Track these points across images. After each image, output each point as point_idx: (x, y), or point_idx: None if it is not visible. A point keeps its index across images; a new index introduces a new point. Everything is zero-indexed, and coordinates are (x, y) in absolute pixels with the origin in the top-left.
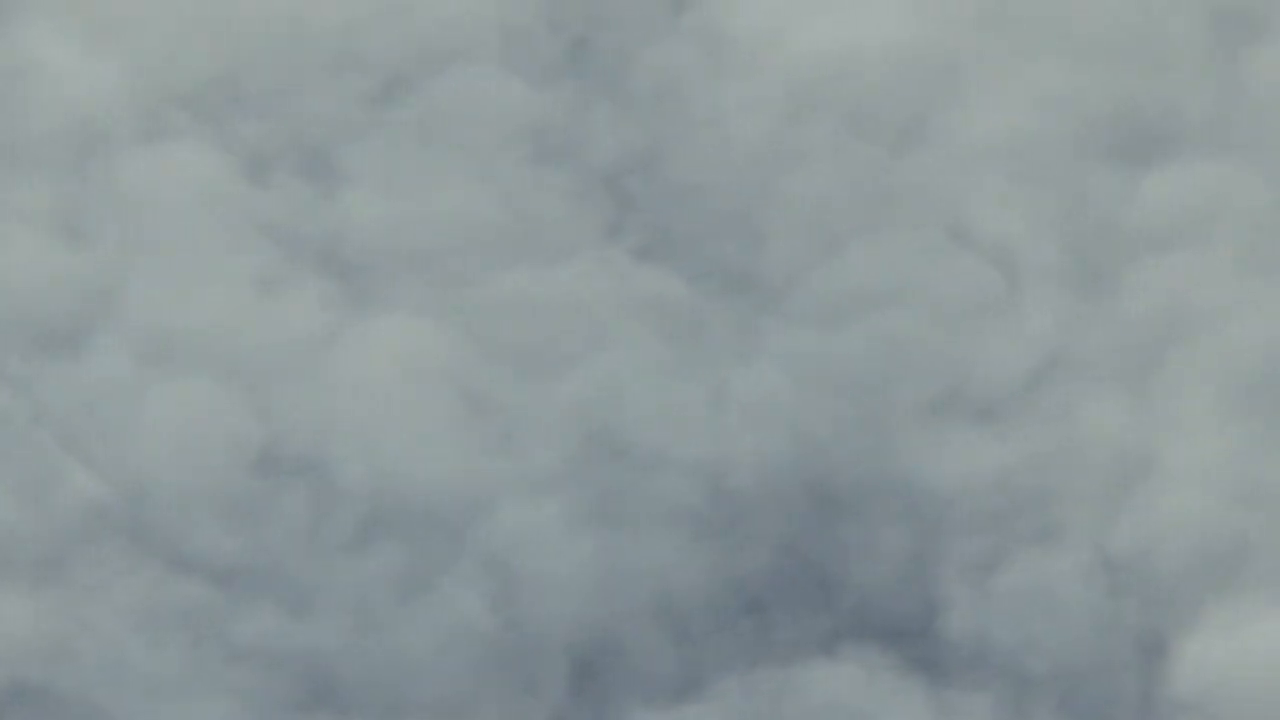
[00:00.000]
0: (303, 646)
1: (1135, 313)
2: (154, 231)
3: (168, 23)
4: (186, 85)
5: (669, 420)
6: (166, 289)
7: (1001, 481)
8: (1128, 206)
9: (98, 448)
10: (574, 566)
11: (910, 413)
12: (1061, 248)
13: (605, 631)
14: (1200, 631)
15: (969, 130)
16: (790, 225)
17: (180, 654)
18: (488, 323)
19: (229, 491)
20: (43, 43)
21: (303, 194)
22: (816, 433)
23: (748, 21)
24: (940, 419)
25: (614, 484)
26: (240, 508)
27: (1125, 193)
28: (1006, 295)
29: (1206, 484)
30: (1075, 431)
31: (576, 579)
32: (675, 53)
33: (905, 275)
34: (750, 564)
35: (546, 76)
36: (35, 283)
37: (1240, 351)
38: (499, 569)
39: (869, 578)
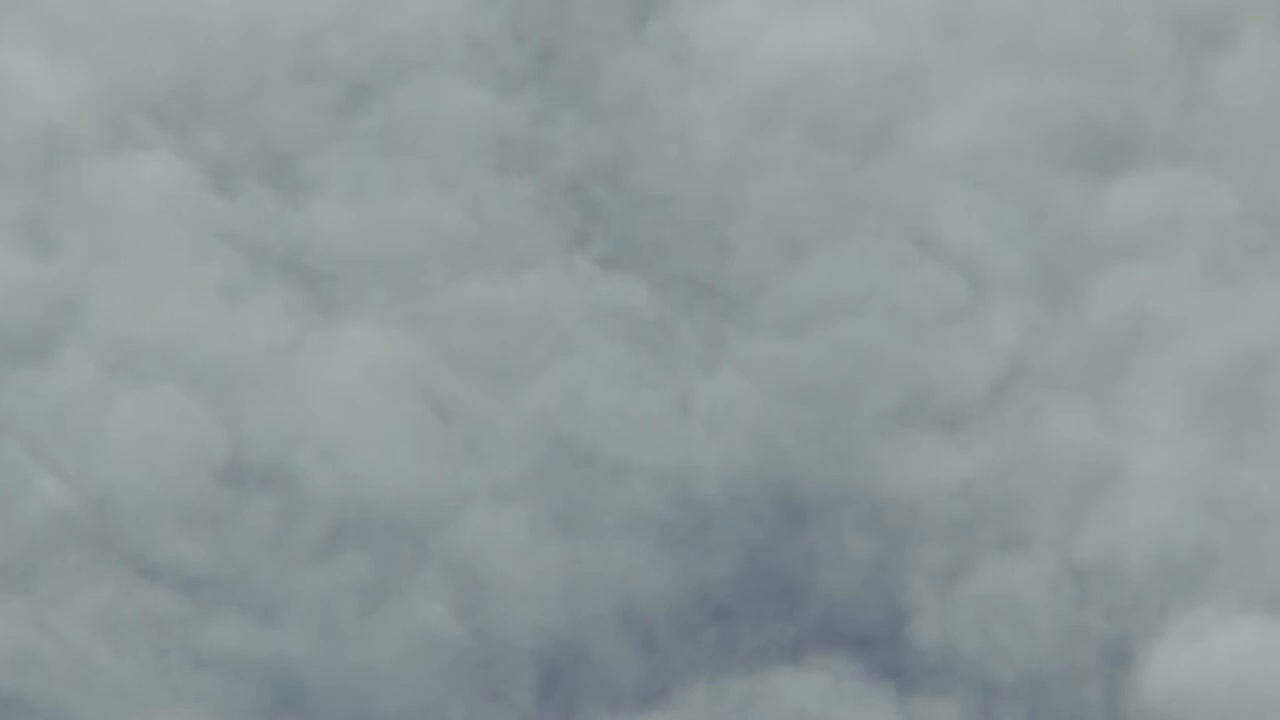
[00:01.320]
0: (269, 654)
1: (1099, 321)
2: (120, 241)
3: (132, 33)
4: (151, 95)
5: (634, 428)
6: (132, 298)
7: (967, 490)
8: (1092, 216)
9: (64, 456)
10: (540, 574)
11: (876, 421)
12: (1026, 257)
13: (571, 639)
14: (1166, 639)
15: (933, 140)
16: (755, 234)
17: (147, 662)
18: (453, 331)
19: (195, 500)
20: (8, 53)
21: (268, 203)
22: (782, 441)
23: (713, 31)
24: (905, 427)
25: (579, 492)
26: (206, 516)
27: (1089, 202)
28: (971, 304)
29: (1171, 492)
30: (1040, 440)
31: (542, 587)
32: (640, 62)
33: (870, 284)
34: (716, 572)
35: (511, 85)
36: (1, 292)
37: (1204, 360)
38: (465, 577)
39: (835, 586)
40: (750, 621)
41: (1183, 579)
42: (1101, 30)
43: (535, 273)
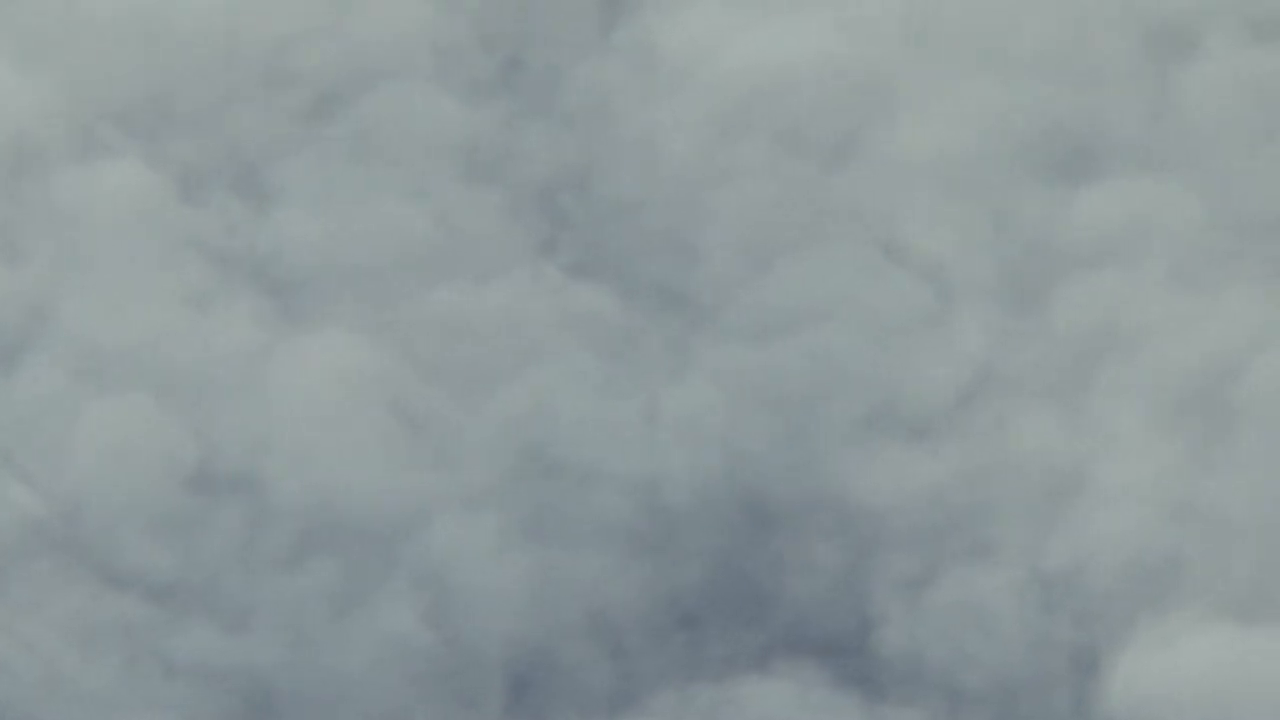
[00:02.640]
0: (239, 662)
1: (1067, 329)
2: (88, 249)
3: (100, 41)
4: (119, 103)
5: (602, 436)
6: (100, 306)
7: (934, 498)
8: (1059, 223)
9: (33, 464)
10: (509, 582)
11: (843, 429)
12: (993, 264)
13: (540, 646)
14: (1133, 647)
15: (900, 147)
16: (723, 242)
17: (116, 670)
18: (421, 339)
19: (164, 508)
20: None
21: (236, 211)
22: (750, 449)
23: (680, 38)
24: (873, 435)
25: (548, 500)
26: (175, 524)
27: (1056, 209)
28: (938, 312)
29: (1138, 500)
30: (1007, 448)
31: (512, 594)
32: (607, 70)
33: (837, 292)
34: (684, 579)
35: (479, 93)
36: None
37: (1171, 368)
38: (434, 585)
39: (803, 593)
40: (718, 629)
41: (1150, 587)
42: (1069, 38)
43: (503, 281)
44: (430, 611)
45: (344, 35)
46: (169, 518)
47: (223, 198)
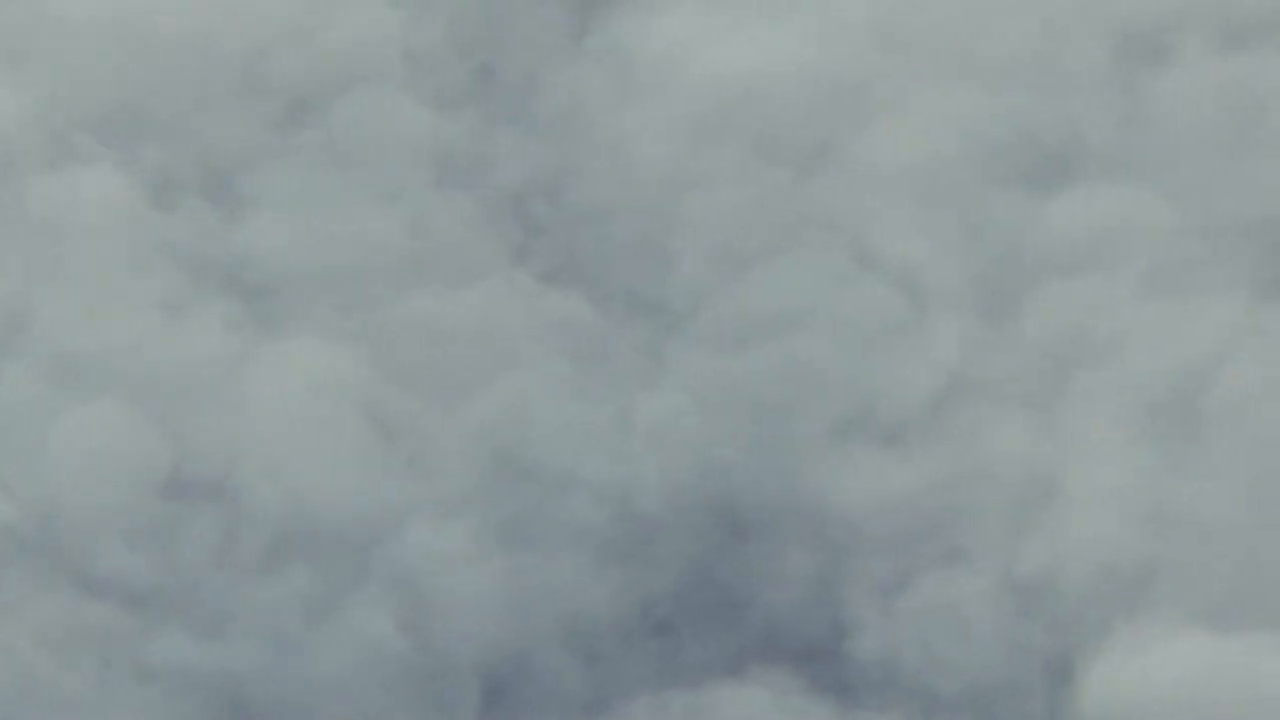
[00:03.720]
0: (214, 668)
1: (1039, 336)
2: (61, 255)
3: (74, 48)
4: (92, 110)
5: (576, 442)
6: (74, 312)
7: (908, 504)
8: (1031, 231)
9: (7, 471)
10: (484, 588)
11: (816, 435)
12: (966, 271)
13: (515, 652)
14: (1107, 653)
15: (874, 155)
16: (696, 248)
17: (91, 675)
18: (395, 346)
19: (138, 514)
20: None
21: (208, 218)
22: (723, 455)
23: (653, 45)
24: (846, 442)
25: (522, 506)
26: (150, 530)
27: (1029, 217)
28: (912, 319)
29: (1112, 506)
30: (981, 454)
31: (485, 600)
32: (580, 77)
33: (811, 299)
34: (658, 585)
35: (452, 100)
36: None
37: (1144, 374)
38: (409, 591)
39: (777, 599)
40: (692, 635)
41: (1123, 593)
42: (1042, 46)
43: (477, 287)
44: (405, 617)
45: (317, 42)
46: (144, 524)
47: (196, 204)
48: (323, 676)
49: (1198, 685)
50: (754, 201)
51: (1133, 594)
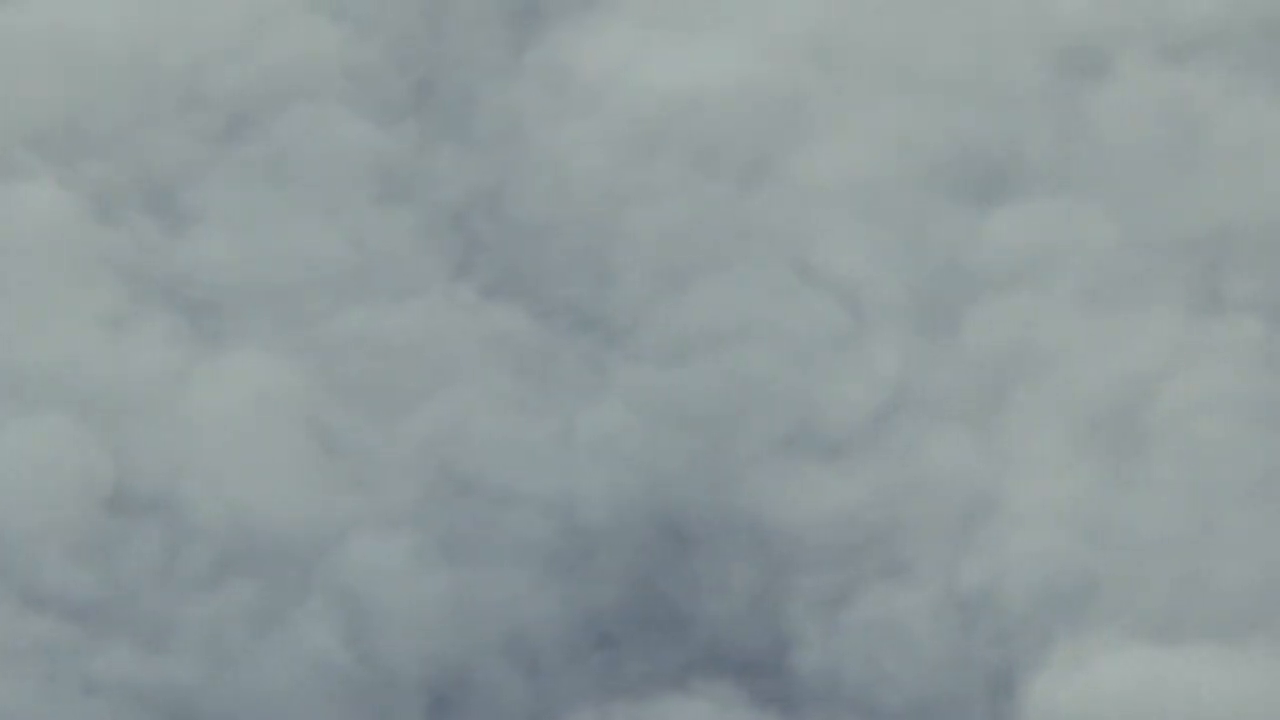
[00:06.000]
0: (158, 681)
1: (979, 350)
2: (3, 270)
3: (15, 64)
4: (33, 126)
5: (518, 456)
6: (16, 327)
7: (849, 517)
8: (971, 245)
9: None
10: (426, 601)
11: (758, 449)
12: (906, 286)
13: (458, 666)
14: (1048, 667)
15: (814, 169)
16: (637, 262)
17: (36, 690)
18: (337, 360)
19: (82, 528)
20: None
21: (150, 232)
22: (665, 469)
23: (592, 60)
24: (788, 455)
25: (464, 520)
26: (93, 544)
27: (968, 231)
28: (852, 332)
29: (1053, 521)
30: (921, 468)
31: (429, 614)
32: (519, 91)
33: (752, 312)
34: (601, 599)
35: (392, 115)
36: None
37: (1084, 389)
38: (352, 604)
39: (719, 613)
40: (635, 648)
41: (1065, 607)
42: (981, 60)
43: (418, 302)
44: (348, 630)
45: (256, 58)
46: (88, 538)
47: (137, 219)
48: (267, 689)
49: (1139, 698)
50: (695, 216)
51: (1074, 607)
